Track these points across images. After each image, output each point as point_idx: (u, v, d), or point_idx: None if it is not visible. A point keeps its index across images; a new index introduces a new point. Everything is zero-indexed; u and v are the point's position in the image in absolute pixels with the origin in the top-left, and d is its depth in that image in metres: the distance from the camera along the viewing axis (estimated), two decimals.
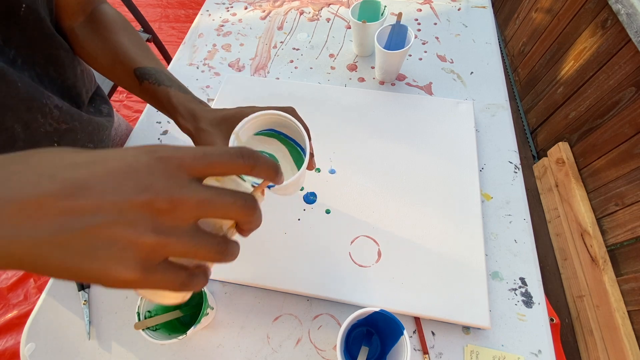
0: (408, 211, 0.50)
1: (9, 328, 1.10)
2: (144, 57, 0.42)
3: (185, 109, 0.38)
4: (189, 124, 0.37)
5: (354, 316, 0.35)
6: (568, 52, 1.25)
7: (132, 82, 0.41)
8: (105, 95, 0.57)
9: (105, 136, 0.52)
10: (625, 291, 0.96)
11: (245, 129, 0.36)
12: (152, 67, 0.41)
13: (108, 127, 0.52)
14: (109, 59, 0.42)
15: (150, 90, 0.40)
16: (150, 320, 0.37)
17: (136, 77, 0.40)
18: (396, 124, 0.58)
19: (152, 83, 0.40)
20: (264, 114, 0.36)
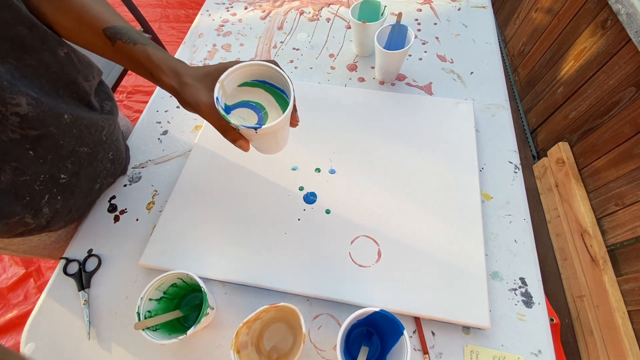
0: (408, 211, 0.50)
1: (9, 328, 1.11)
2: (111, 15, 0.39)
3: (167, 66, 0.37)
4: (172, 80, 0.37)
5: (354, 316, 0.35)
6: (568, 52, 1.25)
7: (103, 44, 0.38)
8: (109, 90, 0.53)
9: (106, 136, 0.48)
10: (625, 291, 0.96)
11: (230, 79, 0.37)
12: (122, 26, 0.38)
13: (106, 127, 0.48)
14: (72, 21, 0.38)
15: (125, 50, 0.38)
16: (150, 320, 0.37)
17: (107, 38, 0.37)
18: (396, 124, 0.58)
19: (127, 42, 0.37)
20: (249, 64, 0.36)
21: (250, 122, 0.38)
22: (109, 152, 0.49)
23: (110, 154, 0.50)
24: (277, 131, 0.37)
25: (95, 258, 0.49)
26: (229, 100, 0.38)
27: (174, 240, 0.48)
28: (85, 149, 0.44)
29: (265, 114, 0.38)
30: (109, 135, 0.49)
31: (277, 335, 0.42)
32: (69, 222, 0.49)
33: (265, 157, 0.55)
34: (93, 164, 0.47)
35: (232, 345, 0.34)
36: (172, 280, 0.41)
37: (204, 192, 0.53)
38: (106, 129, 0.48)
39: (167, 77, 0.37)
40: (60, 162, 0.41)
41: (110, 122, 0.49)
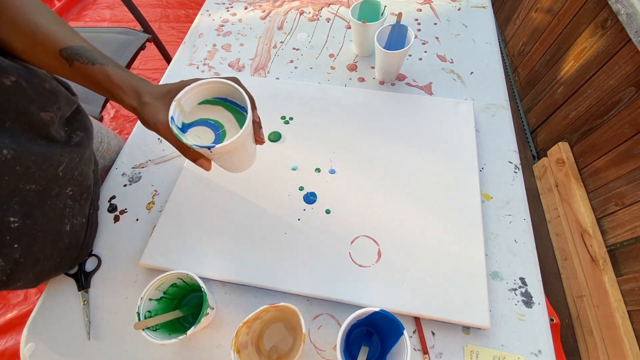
0: (408, 211, 0.50)
1: (9, 328, 1.10)
2: (67, 35, 0.37)
3: (128, 86, 0.37)
4: (132, 99, 0.37)
5: (354, 316, 0.35)
6: (568, 52, 1.25)
7: (60, 65, 0.37)
8: (86, 120, 0.48)
9: (63, 171, 0.41)
10: (625, 291, 0.96)
11: (189, 97, 0.36)
12: (79, 46, 0.37)
13: (64, 161, 0.41)
14: (26, 43, 0.36)
15: (84, 70, 0.36)
16: (150, 320, 0.37)
17: (64, 59, 0.36)
18: (396, 124, 0.58)
19: (85, 63, 0.36)
20: (206, 82, 0.36)
21: (207, 141, 0.37)
22: (65, 187, 0.43)
23: (69, 189, 0.43)
24: (235, 150, 0.37)
25: (95, 258, 0.49)
26: (187, 118, 0.38)
27: (174, 240, 0.48)
28: (33, 187, 0.38)
29: (224, 132, 0.38)
30: (69, 170, 0.42)
31: (277, 335, 0.42)
32: (44, 274, 0.43)
33: (265, 158, 0.55)
34: (46, 202, 0.40)
35: (232, 345, 0.34)
36: (172, 280, 0.41)
37: (204, 192, 0.52)
38: (65, 164, 0.41)
39: (127, 96, 0.37)
40: (3, 204, 0.35)
41: (74, 155, 0.43)
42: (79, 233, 0.46)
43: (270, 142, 0.57)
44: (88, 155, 0.48)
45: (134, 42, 1.16)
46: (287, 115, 0.60)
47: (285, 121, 0.59)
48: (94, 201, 0.50)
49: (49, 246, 0.42)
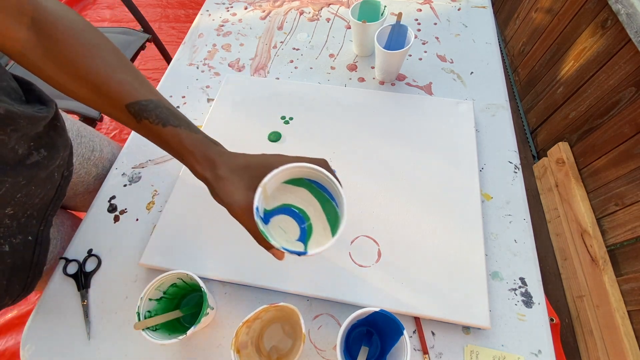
0: (408, 211, 0.50)
1: (9, 328, 1.10)
2: (135, 86, 0.34)
3: (201, 154, 0.33)
4: (206, 170, 0.33)
5: (354, 316, 0.35)
6: (568, 52, 1.25)
7: (126, 118, 0.34)
8: (55, 136, 0.44)
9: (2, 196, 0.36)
10: (625, 291, 0.96)
11: (274, 180, 0.32)
12: (148, 101, 0.33)
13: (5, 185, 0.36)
14: (89, 92, 0.34)
15: (153, 130, 0.34)
16: (150, 320, 0.37)
17: (131, 114, 0.33)
18: (396, 124, 0.58)
19: (155, 123, 0.33)
20: (294, 167, 0.31)
21: (293, 235, 0.33)
22: (4, 208, 0.38)
23: (9, 209, 0.38)
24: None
25: (95, 258, 0.49)
26: (268, 203, 0.33)
27: (174, 240, 0.48)
28: None
29: (309, 226, 0.33)
30: (9, 194, 0.37)
31: (277, 335, 0.42)
32: None
33: None
34: None
35: (232, 345, 0.34)
36: (172, 280, 0.41)
37: (204, 191, 0.52)
38: (4, 189, 0.36)
39: (200, 166, 0.33)
40: None
41: (20, 177, 0.38)
42: (24, 253, 0.42)
43: (270, 142, 0.57)
44: (46, 175, 0.42)
45: (134, 42, 1.16)
46: (287, 115, 0.60)
47: (285, 121, 0.59)
48: (46, 217, 0.45)
49: None
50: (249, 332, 0.38)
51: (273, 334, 0.42)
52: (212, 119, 0.60)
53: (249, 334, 0.38)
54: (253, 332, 0.39)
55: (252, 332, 0.39)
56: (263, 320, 0.40)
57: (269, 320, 0.42)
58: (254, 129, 0.59)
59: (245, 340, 0.37)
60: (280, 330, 0.43)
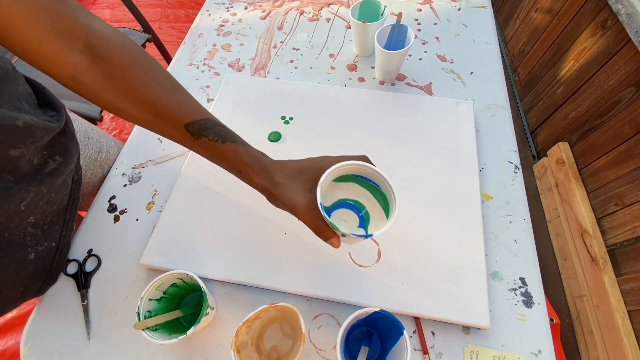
0: (408, 211, 0.50)
1: (9, 328, 1.10)
2: (192, 108, 0.36)
3: (258, 166, 0.36)
4: (264, 180, 0.36)
5: (354, 316, 0.35)
6: (568, 52, 1.25)
7: (183, 137, 0.36)
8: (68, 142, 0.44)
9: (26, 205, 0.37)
10: (625, 291, 0.96)
11: (327, 179, 0.35)
12: (206, 120, 0.36)
13: (29, 197, 0.37)
14: (147, 113, 0.35)
15: (212, 147, 0.36)
16: (150, 320, 0.37)
17: (189, 133, 0.36)
18: (396, 124, 0.58)
19: (214, 140, 0.36)
20: (347, 165, 0.35)
21: (353, 224, 0.37)
22: (28, 217, 0.39)
23: (32, 218, 0.40)
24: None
25: (95, 258, 0.49)
26: (325, 200, 0.36)
27: (174, 240, 0.48)
28: None
29: (366, 213, 0.38)
30: (32, 203, 0.38)
31: (277, 335, 0.42)
32: (6, 304, 0.41)
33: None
34: (4, 235, 0.37)
35: (232, 345, 0.34)
36: (172, 280, 0.41)
37: (204, 192, 0.52)
38: (29, 199, 0.37)
39: (258, 177, 0.36)
40: None
41: (43, 186, 0.39)
42: (45, 259, 0.43)
43: (270, 142, 0.57)
44: (62, 181, 0.43)
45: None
46: (287, 115, 0.60)
47: (285, 121, 0.59)
48: (67, 222, 0.46)
49: (10, 278, 0.39)
50: (249, 332, 0.38)
51: (273, 334, 0.42)
52: None
53: (249, 334, 0.38)
54: (253, 332, 0.39)
55: (252, 332, 0.39)
56: (263, 320, 0.40)
57: (269, 320, 0.42)
58: (254, 129, 0.59)
59: (245, 340, 0.37)
60: (280, 330, 0.43)
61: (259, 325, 0.40)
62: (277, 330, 0.43)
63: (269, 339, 0.42)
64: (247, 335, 0.38)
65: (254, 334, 0.40)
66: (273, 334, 0.42)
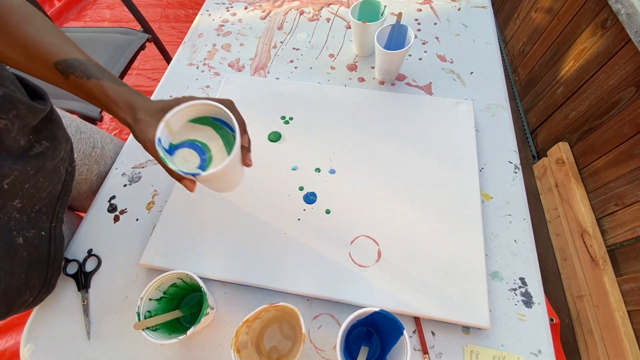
0: (408, 211, 0.50)
1: (9, 328, 1.10)
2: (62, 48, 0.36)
3: (123, 101, 0.37)
4: (127, 115, 0.37)
5: (354, 316, 0.35)
6: (568, 52, 1.25)
7: (56, 77, 0.37)
8: (56, 130, 0.46)
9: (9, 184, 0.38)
10: (625, 291, 0.96)
11: (178, 117, 0.36)
12: (74, 59, 0.36)
13: (12, 175, 0.38)
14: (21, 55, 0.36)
15: (79, 84, 0.36)
16: (150, 320, 0.37)
17: (59, 72, 0.36)
18: (396, 124, 0.58)
19: (80, 77, 0.36)
20: (196, 103, 0.36)
21: (193, 165, 0.37)
22: (12, 200, 0.39)
23: (17, 202, 0.40)
24: (221, 177, 0.36)
25: (95, 258, 0.49)
26: (175, 138, 0.37)
27: (174, 240, 0.48)
28: None
29: (210, 157, 0.38)
30: (17, 183, 0.39)
31: (277, 335, 0.42)
32: (12, 293, 0.41)
33: (266, 157, 0.55)
34: None
35: (232, 345, 0.34)
36: (172, 280, 0.41)
37: (204, 192, 0.52)
38: (12, 177, 0.38)
39: (122, 112, 0.36)
40: None
41: (29, 167, 0.40)
42: (39, 247, 0.43)
43: (270, 142, 0.57)
44: (51, 167, 0.44)
45: (134, 42, 1.16)
46: (287, 115, 0.60)
47: (285, 121, 0.59)
48: (57, 213, 0.47)
49: (4, 261, 0.38)
50: (249, 332, 0.38)
51: (273, 334, 0.42)
52: None
53: (249, 333, 0.38)
54: (253, 332, 0.39)
55: (252, 332, 0.39)
56: (263, 320, 0.40)
57: (269, 320, 0.42)
58: (254, 129, 0.59)
59: (245, 340, 0.37)
60: (280, 330, 0.43)
61: (259, 325, 0.40)
62: (277, 330, 0.43)
63: (269, 339, 0.42)
64: (247, 335, 0.38)
65: (254, 334, 0.40)
66: (273, 334, 0.42)
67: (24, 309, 0.44)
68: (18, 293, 0.41)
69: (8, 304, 0.40)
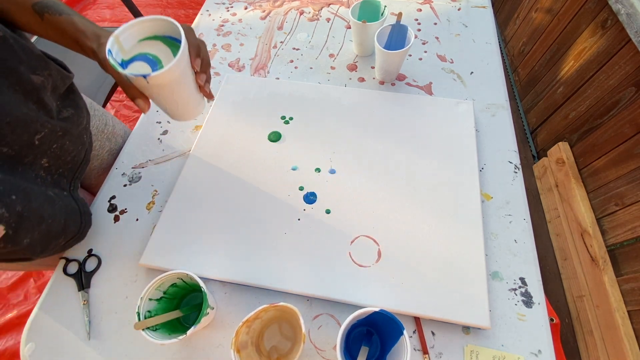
0: (408, 211, 0.50)
1: (9, 328, 1.10)
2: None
3: (91, 32, 0.39)
4: (93, 43, 0.39)
5: (354, 316, 0.35)
6: (568, 52, 1.25)
7: (34, 19, 0.40)
8: (79, 100, 0.50)
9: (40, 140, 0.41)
10: (625, 291, 0.96)
11: (128, 35, 0.37)
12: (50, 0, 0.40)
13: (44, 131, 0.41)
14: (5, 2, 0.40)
15: (53, 21, 0.40)
16: (150, 320, 0.37)
17: (36, 13, 0.40)
18: (396, 124, 0.58)
19: (53, 14, 0.40)
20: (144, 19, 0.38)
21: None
22: (41, 157, 0.43)
23: (44, 160, 0.43)
24: (172, 83, 0.37)
25: (95, 258, 0.49)
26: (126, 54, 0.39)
27: (174, 240, 0.48)
28: (5, 150, 0.38)
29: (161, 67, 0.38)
30: (46, 141, 0.42)
31: (277, 335, 0.42)
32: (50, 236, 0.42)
33: (266, 157, 0.55)
34: (18, 169, 0.40)
35: (232, 345, 0.34)
36: (172, 280, 0.41)
37: (204, 192, 0.53)
38: (44, 134, 0.41)
39: (88, 40, 0.39)
40: None
41: (58, 128, 0.43)
42: (68, 201, 0.47)
43: (270, 142, 0.57)
44: (77, 133, 0.48)
45: None
46: (287, 115, 0.60)
47: (285, 121, 0.59)
48: (75, 179, 0.50)
49: (46, 206, 0.41)
50: (249, 332, 0.38)
51: (273, 334, 0.42)
52: (212, 119, 0.60)
53: (249, 333, 0.38)
54: (253, 332, 0.39)
55: (252, 332, 0.39)
56: (263, 320, 0.40)
57: (269, 320, 0.42)
58: (254, 129, 0.59)
59: (245, 340, 0.37)
60: (280, 330, 0.43)
61: (259, 325, 0.40)
62: (277, 330, 0.43)
63: (269, 339, 0.42)
64: (247, 335, 0.38)
65: (254, 334, 0.40)
66: (273, 334, 0.42)
67: (55, 252, 0.47)
68: (55, 236, 0.44)
69: (45, 245, 0.43)
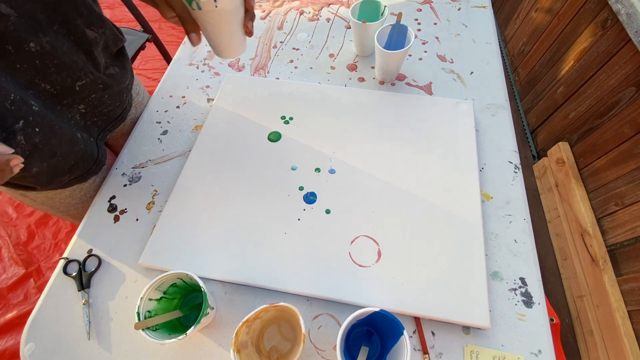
0: (408, 211, 0.50)
1: (9, 328, 1.10)
2: None
3: None
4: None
5: (354, 316, 0.35)
6: (568, 52, 1.25)
7: None
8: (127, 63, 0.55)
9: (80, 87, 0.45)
10: (625, 291, 0.96)
11: None
12: None
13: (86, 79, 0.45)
14: None
15: None
16: (150, 320, 0.37)
17: None
18: (396, 124, 0.58)
19: None
20: None
21: None
22: (79, 103, 0.47)
23: (82, 106, 0.48)
24: (232, 12, 0.39)
25: (95, 258, 0.49)
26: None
27: (174, 240, 0.48)
28: (48, 87, 0.42)
29: None
30: (86, 89, 0.46)
31: (277, 336, 0.42)
32: (57, 171, 0.47)
33: (266, 157, 0.55)
34: (56, 108, 0.44)
35: (232, 345, 0.34)
36: (172, 280, 0.41)
37: (204, 192, 0.53)
38: (85, 82, 0.45)
39: None
40: (21, 89, 0.39)
41: (99, 80, 0.48)
42: (91, 147, 0.51)
43: (270, 142, 0.57)
44: (118, 90, 0.53)
45: (134, 42, 1.16)
46: (287, 115, 0.60)
47: (285, 121, 0.59)
48: (104, 131, 0.55)
49: (65, 146, 0.45)
50: (249, 332, 0.38)
51: (273, 334, 0.42)
52: (212, 119, 0.60)
53: (249, 333, 0.38)
54: (253, 332, 0.39)
55: (252, 332, 0.39)
56: (263, 320, 0.40)
57: (269, 320, 0.42)
58: (254, 129, 0.59)
59: (245, 340, 0.37)
60: (280, 330, 0.43)
61: (258, 325, 0.40)
62: (276, 330, 0.43)
63: (269, 339, 0.42)
64: (247, 335, 0.38)
65: (254, 334, 0.40)
66: (273, 334, 0.42)
67: (58, 187, 0.52)
68: (61, 173, 0.48)
69: (50, 178, 0.47)
